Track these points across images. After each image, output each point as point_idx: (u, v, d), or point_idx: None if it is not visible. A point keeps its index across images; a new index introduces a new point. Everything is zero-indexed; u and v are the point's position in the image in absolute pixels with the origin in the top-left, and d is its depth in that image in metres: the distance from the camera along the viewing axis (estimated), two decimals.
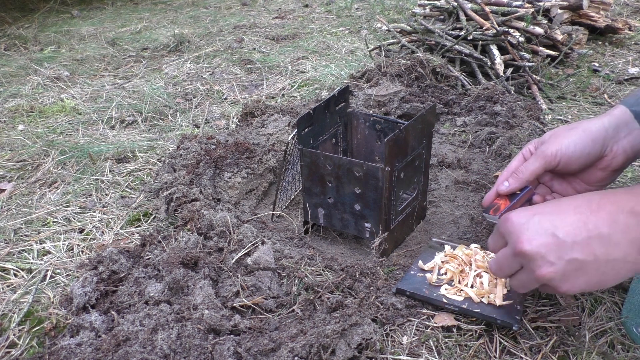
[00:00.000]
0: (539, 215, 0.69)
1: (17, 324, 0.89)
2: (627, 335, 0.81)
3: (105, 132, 1.67)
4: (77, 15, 3.39)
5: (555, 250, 0.66)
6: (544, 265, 0.66)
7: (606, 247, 0.64)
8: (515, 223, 0.70)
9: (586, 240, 0.64)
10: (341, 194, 1.03)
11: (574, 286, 0.67)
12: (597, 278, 0.66)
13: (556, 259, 0.66)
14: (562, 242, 0.65)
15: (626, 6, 2.86)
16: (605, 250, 0.64)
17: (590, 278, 0.66)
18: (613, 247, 0.63)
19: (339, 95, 1.15)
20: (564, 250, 0.65)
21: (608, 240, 0.64)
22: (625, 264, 0.64)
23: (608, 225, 0.64)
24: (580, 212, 0.66)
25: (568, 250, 0.65)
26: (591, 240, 0.64)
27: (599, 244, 0.64)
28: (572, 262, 0.65)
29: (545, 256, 0.66)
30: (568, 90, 1.85)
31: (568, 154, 0.86)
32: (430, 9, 2.25)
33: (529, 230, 0.68)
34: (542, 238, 0.66)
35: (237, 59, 2.32)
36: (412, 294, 0.88)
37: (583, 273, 0.65)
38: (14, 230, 1.16)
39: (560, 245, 0.65)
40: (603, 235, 0.64)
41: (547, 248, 0.66)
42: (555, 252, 0.66)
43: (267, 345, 0.77)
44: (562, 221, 0.67)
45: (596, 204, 0.66)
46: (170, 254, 0.94)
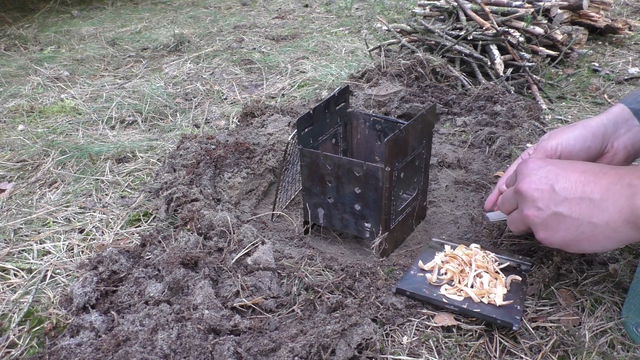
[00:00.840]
0: (551, 166, 0.74)
1: (17, 324, 0.89)
2: (627, 335, 0.81)
3: (105, 132, 1.67)
4: (77, 15, 3.39)
5: (546, 198, 0.72)
6: (532, 208, 0.74)
7: (592, 211, 0.68)
8: (529, 166, 0.76)
9: (577, 200, 0.69)
10: (341, 194, 1.03)
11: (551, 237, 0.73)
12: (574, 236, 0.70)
13: (544, 206, 0.72)
14: (556, 194, 0.71)
15: (626, 6, 2.86)
16: (590, 213, 0.68)
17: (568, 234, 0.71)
18: (599, 212, 0.67)
19: (339, 95, 1.15)
20: (553, 202, 0.71)
21: (598, 205, 0.68)
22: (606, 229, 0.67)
23: (602, 192, 0.68)
24: (585, 173, 0.70)
25: (558, 202, 0.71)
26: (582, 201, 0.69)
27: (587, 206, 0.68)
28: (556, 214, 0.71)
29: (535, 200, 0.73)
30: (568, 90, 1.85)
31: (569, 148, 0.86)
32: (430, 9, 2.25)
33: (535, 174, 0.74)
34: (540, 184, 0.73)
35: (237, 59, 2.32)
36: (412, 294, 0.88)
37: (563, 228, 0.71)
38: (14, 230, 1.16)
39: (552, 196, 0.71)
40: (594, 200, 0.68)
41: (541, 194, 0.72)
42: (546, 200, 0.72)
43: (267, 345, 0.77)
44: (566, 177, 0.71)
45: (603, 172, 0.69)
46: (170, 254, 0.94)
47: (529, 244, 0.99)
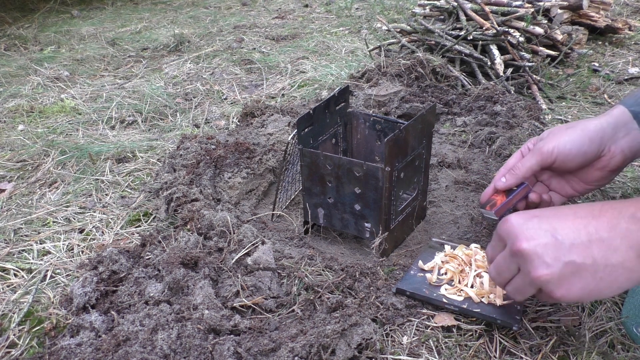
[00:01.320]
0: (539, 217, 0.67)
1: (17, 324, 0.89)
2: (627, 335, 0.81)
3: (105, 132, 1.67)
4: (77, 15, 3.39)
5: (552, 251, 0.64)
6: (541, 266, 0.64)
7: (605, 252, 0.62)
8: (514, 224, 0.68)
9: (585, 244, 0.63)
10: (341, 194, 1.03)
11: (570, 292, 0.64)
12: (594, 284, 0.63)
13: (553, 260, 0.64)
14: (561, 243, 0.64)
15: (626, 6, 2.86)
16: (604, 255, 0.62)
17: (587, 284, 0.63)
18: (612, 252, 0.62)
19: (339, 95, 1.15)
20: (561, 252, 0.63)
21: (608, 244, 0.62)
22: (624, 270, 0.62)
23: (608, 230, 0.62)
24: (581, 217, 0.65)
25: (566, 252, 0.63)
26: (591, 244, 0.63)
27: (598, 247, 0.62)
28: (569, 264, 0.63)
29: (542, 256, 0.64)
30: (568, 90, 1.85)
31: (565, 152, 0.86)
32: (430, 9, 2.25)
33: (528, 230, 0.66)
34: (540, 238, 0.65)
35: (237, 59, 2.32)
36: (412, 294, 0.88)
37: (580, 278, 0.63)
38: (14, 230, 1.16)
39: (558, 247, 0.64)
40: (603, 239, 0.62)
41: (545, 248, 0.64)
42: (553, 253, 0.64)
43: (267, 345, 0.77)
44: (562, 224, 0.65)
45: (598, 210, 0.65)
46: (170, 254, 0.94)
47: None
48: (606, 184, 0.95)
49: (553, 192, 0.97)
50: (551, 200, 0.96)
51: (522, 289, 0.70)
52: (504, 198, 0.92)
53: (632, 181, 1.26)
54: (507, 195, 0.93)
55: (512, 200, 0.93)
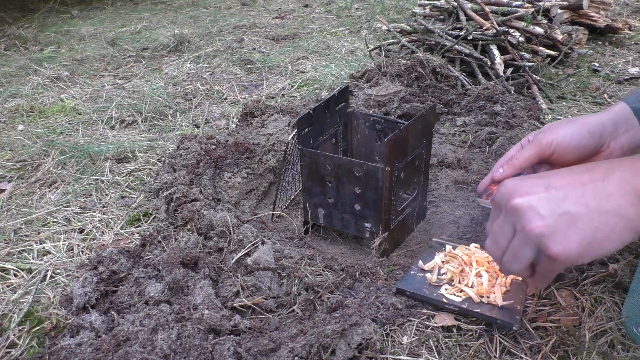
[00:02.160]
0: (535, 177, 0.67)
1: (17, 324, 0.88)
2: (627, 335, 0.81)
3: (105, 132, 1.67)
4: (77, 15, 3.39)
5: (546, 203, 0.63)
6: (534, 217, 0.62)
7: (599, 199, 0.61)
8: (508, 184, 0.67)
9: (579, 193, 0.62)
10: (341, 194, 1.03)
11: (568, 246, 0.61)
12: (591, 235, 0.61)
13: (547, 212, 0.62)
14: (555, 195, 0.63)
15: (626, 6, 2.86)
16: (598, 202, 0.61)
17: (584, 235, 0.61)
18: (606, 199, 0.61)
19: (339, 95, 1.15)
20: (556, 203, 0.62)
21: (601, 190, 0.61)
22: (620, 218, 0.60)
23: (602, 178, 0.62)
24: (577, 172, 0.65)
25: (560, 202, 0.62)
26: (585, 193, 0.62)
27: (592, 195, 0.61)
28: (564, 215, 0.61)
29: (536, 208, 0.63)
30: (568, 90, 1.85)
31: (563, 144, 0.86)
32: (430, 9, 2.25)
33: (522, 187, 0.65)
34: (534, 193, 0.64)
35: (237, 59, 2.32)
36: (412, 294, 0.88)
37: (576, 229, 0.61)
38: (14, 230, 1.16)
39: (552, 199, 0.63)
40: (597, 187, 0.61)
41: (539, 201, 0.63)
42: (547, 205, 0.62)
43: (267, 345, 0.77)
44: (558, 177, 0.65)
45: (593, 164, 0.65)
46: (170, 254, 0.94)
47: None
48: None
49: None
50: None
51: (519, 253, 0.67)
52: None
53: None
54: None
55: None
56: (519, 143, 0.95)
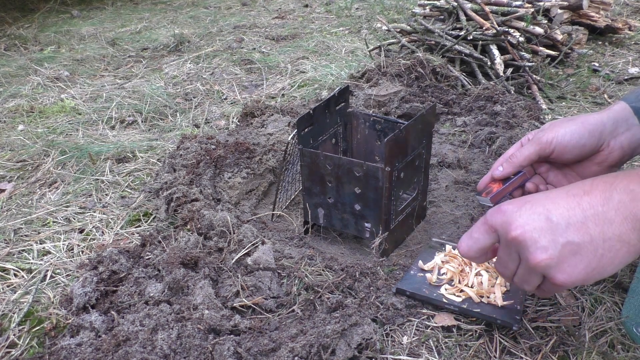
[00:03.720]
0: (531, 202, 0.65)
1: (17, 324, 0.88)
2: (627, 335, 0.81)
3: (105, 132, 1.67)
4: (77, 15, 3.39)
5: (549, 233, 0.61)
6: (538, 250, 0.61)
7: (601, 226, 0.60)
8: (506, 212, 0.65)
9: (581, 221, 0.61)
10: (341, 194, 1.03)
11: (573, 274, 0.61)
12: (596, 262, 0.61)
13: (550, 242, 0.61)
14: (556, 224, 0.61)
15: (626, 6, 2.86)
16: (600, 230, 0.60)
17: (589, 262, 0.61)
18: (608, 225, 0.60)
19: (339, 95, 1.15)
20: (558, 233, 0.61)
21: (603, 218, 0.60)
22: (622, 244, 0.60)
23: (602, 203, 0.60)
24: (573, 195, 0.63)
25: (562, 232, 0.61)
26: (586, 220, 0.60)
27: (594, 223, 0.60)
28: (567, 245, 0.60)
29: (538, 240, 0.61)
30: (568, 90, 1.85)
31: (563, 143, 0.86)
32: (430, 9, 2.25)
33: (521, 216, 0.63)
34: (534, 222, 0.62)
35: (237, 59, 2.32)
36: (412, 294, 0.88)
37: (580, 257, 0.61)
38: (14, 230, 1.16)
39: (554, 228, 0.61)
40: (597, 214, 0.60)
41: (540, 232, 0.61)
42: (549, 235, 0.61)
43: (267, 345, 0.77)
44: (555, 204, 0.63)
45: (589, 185, 0.63)
46: (170, 254, 0.94)
47: None
48: None
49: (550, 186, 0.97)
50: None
51: (527, 279, 0.67)
52: (501, 186, 0.92)
53: None
54: (504, 183, 0.93)
55: (509, 188, 0.93)
56: (519, 141, 0.95)
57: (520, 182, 0.94)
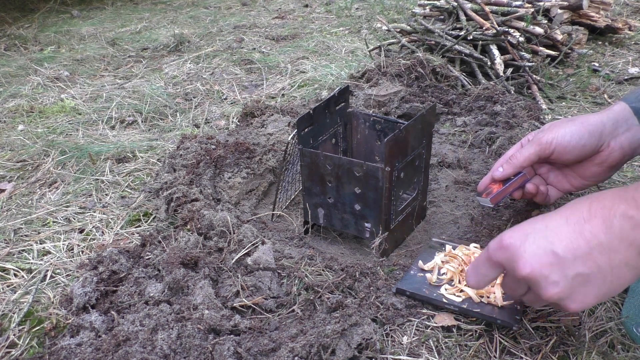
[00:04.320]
0: (532, 234, 0.65)
1: (17, 324, 0.89)
2: (627, 335, 0.81)
3: (105, 132, 1.67)
4: (77, 15, 3.39)
5: (558, 268, 0.62)
6: (549, 286, 0.63)
7: (607, 255, 0.61)
8: (509, 248, 0.66)
9: (587, 252, 0.61)
10: (341, 194, 1.03)
11: (585, 302, 0.63)
12: (606, 288, 0.62)
13: (561, 277, 0.62)
14: (563, 258, 0.62)
15: (626, 6, 2.86)
16: (607, 258, 0.61)
17: (599, 289, 0.62)
18: (614, 254, 0.60)
19: (339, 95, 1.15)
20: (567, 267, 0.62)
21: (607, 247, 0.61)
22: (629, 268, 0.61)
23: (604, 232, 0.61)
24: (574, 223, 0.63)
25: (571, 265, 0.62)
26: (592, 251, 0.61)
27: (599, 252, 0.61)
28: (577, 277, 0.62)
29: (548, 277, 0.62)
30: (568, 90, 1.85)
31: (563, 144, 0.86)
32: (430, 9, 2.25)
33: (526, 252, 0.64)
34: (541, 258, 0.63)
35: (237, 59, 2.32)
36: (412, 294, 0.88)
37: (591, 286, 0.62)
38: (14, 230, 1.16)
39: (562, 262, 0.62)
40: (602, 243, 0.61)
41: (550, 268, 0.62)
42: (559, 270, 0.62)
43: (267, 345, 0.77)
44: (558, 235, 0.63)
45: (587, 212, 0.63)
46: (170, 254, 0.94)
47: None
48: (604, 181, 0.95)
49: (550, 187, 0.97)
50: (548, 192, 0.96)
51: (536, 302, 0.70)
52: (501, 186, 0.92)
53: (632, 181, 1.26)
54: (504, 183, 0.93)
55: (509, 189, 0.93)
56: (519, 142, 0.95)
57: (520, 183, 0.94)
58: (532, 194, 0.94)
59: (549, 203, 1.00)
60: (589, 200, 0.64)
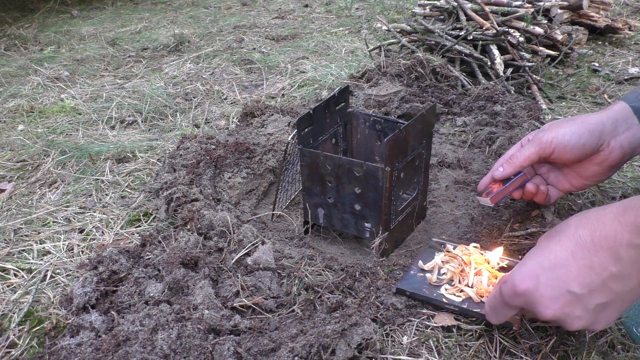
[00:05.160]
0: (543, 275, 0.67)
1: (17, 324, 0.89)
2: (627, 335, 0.81)
3: (105, 132, 1.67)
4: (77, 15, 3.39)
5: (578, 304, 0.66)
6: (574, 320, 0.67)
7: (621, 282, 0.64)
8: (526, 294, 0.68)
9: (601, 285, 0.64)
10: (341, 194, 1.03)
11: (608, 322, 0.68)
12: (624, 307, 0.67)
13: (582, 312, 0.66)
14: (581, 295, 0.65)
15: (626, 6, 2.86)
16: (621, 285, 0.64)
17: (618, 310, 0.67)
18: (627, 280, 0.63)
19: (339, 95, 1.15)
20: (586, 301, 0.65)
21: (620, 276, 0.63)
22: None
23: (614, 263, 0.63)
24: (581, 257, 0.65)
25: (589, 299, 0.65)
26: (606, 283, 0.64)
27: (614, 283, 0.64)
28: (597, 307, 0.66)
29: (571, 314, 0.66)
30: (568, 90, 1.85)
31: (563, 143, 0.86)
32: (430, 9, 2.25)
33: (543, 297, 0.67)
34: (560, 300, 0.66)
35: (237, 59, 2.32)
36: (412, 294, 0.88)
37: (610, 310, 0.66)
38: (14, 230, 1.16)
39: (580, 299, 0.65)
40: (613, 274, 0.63)
41: (570, 306, 0.66)
42: (579, 305, 0.66)
43: (267, 345, 0.77)
44: (569, 274, 0.66)
45: (591, 244, 0.65)
46: (170, 254, 0.94)
47: (529, 244, 0.99)
48: (604, 180, 0.95)
49: (551, 186, 0.97)
50: (548, 192, 0.96)
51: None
52: (501, 186, 0.92)
53: (632, 181, 1.26)
54: (504, 183, 0.93)
55: (509, 188, 0.93)
56: (519, 142, 0.95)
57: (520, 183, 0.94)
58: (533, 194, 0.95)
59: (549, 203, 1.00)
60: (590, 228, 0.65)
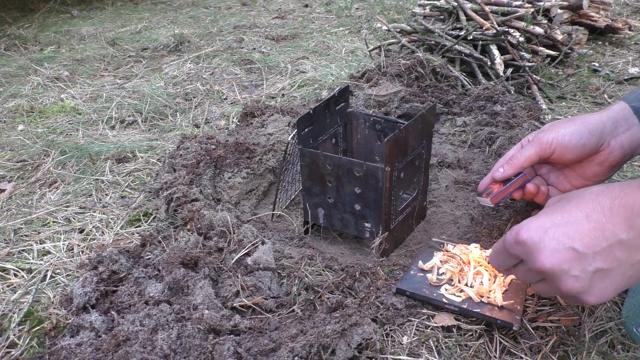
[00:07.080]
0: (552, 228, 0.65)
1: (17, 324, 0.89)
2: (627, 335, 0.81)
3: (105, 132, 1.67)
4: (77, 15, 3.39)
5: (578, 263, 0.63)
6: (569, 279, 0.64)
7: (628, 252, 0.62)
8: (528, 242, 0.66)
9: (607, 249, 0.62)
10: (341, 194, 1.03)
11: (602, 296, 0.65)
12: (625, 282, 0.64)
13: (580, 272, 0.63)
14: (583, 254, 0.63)
15: (626, 6, 2.86)
16: (628, 255, 0.62)
17: (618, 284, 0.64)
18: (635, 251, 0.62)
19: (339, 95, 1.15)
20: (586, 263, 0.63)
21: (628, 245, 0.62)
22: None
23: (626, 230, 0.61)
24: (595, 220, 0.63)
25: (591, 261, 0.63)
26: (612, 248, 0.62)
27: (620, 249, 0.62)
28: (597, 272, 0.63)
29: (568, 271, 0.64)
30: (568, 90, 1.85)
31: (564, 143, 0.86)
32: (430, 9, 2.25)
33: (545, 247, 0.65)
34: (561, 254, 0.64)
35: (237, 59, 2.32)
36: (412, 294, 0.88)
37: (610, 281, 0.64)
38: (14, 230, 1.16)
39: (582, 258, 0.63)
40: (623, 241, 0.62)
41: (570, 263, 0.63)
42: (579, 265, 0.63)
43: (267, 345, 0.77)
44: (578, 232, 0.64)
45: (608, 210, 0.63)
46: (170, 254, 0.94)
47: None
48: (604, 180, 0.95)
49: (551, 187, 0.97)
50: (548, 192, 0.96)
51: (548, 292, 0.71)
52: (501, 187, 0.92)
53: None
54: (505, 184, 0.93)
55: (509, 189, 0.93)
56: (519, 143, 0.95)
57: (520, 183, 0.94)
58: (533, 194, 0.95)
59: None
60: (609, 197, 0.64)
